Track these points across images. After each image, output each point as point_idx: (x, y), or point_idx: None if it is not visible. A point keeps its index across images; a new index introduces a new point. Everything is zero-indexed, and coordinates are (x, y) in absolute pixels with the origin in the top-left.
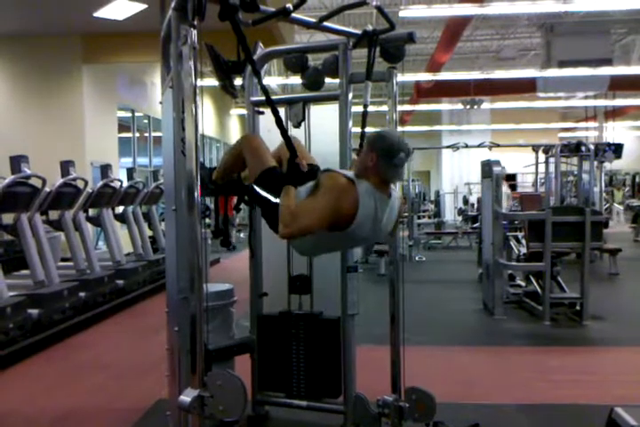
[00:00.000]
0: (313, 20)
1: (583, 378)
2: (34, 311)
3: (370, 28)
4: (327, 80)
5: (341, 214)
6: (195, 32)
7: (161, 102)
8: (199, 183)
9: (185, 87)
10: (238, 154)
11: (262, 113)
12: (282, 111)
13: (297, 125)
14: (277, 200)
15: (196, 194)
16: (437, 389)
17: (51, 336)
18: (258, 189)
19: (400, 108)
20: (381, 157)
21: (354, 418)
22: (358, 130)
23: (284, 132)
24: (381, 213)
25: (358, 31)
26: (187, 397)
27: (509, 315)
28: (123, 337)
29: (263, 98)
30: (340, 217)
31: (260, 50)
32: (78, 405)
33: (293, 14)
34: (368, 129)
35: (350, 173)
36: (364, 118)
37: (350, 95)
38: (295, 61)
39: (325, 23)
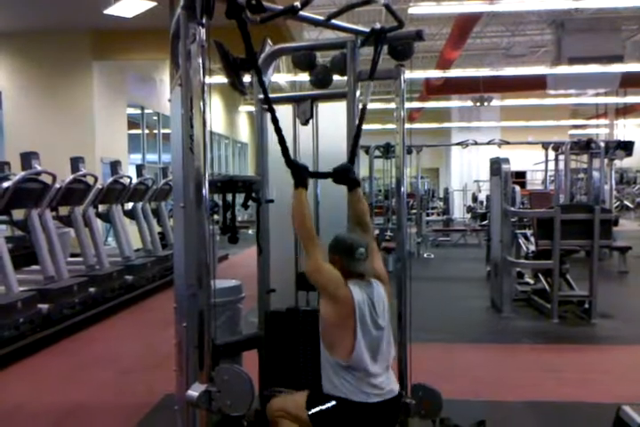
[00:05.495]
0: (321, 17)
1: (591, 376)
2: (44, 306)
3: (378, 25)
4: (335, 78)
5: (340, 295)
6: (203, 30)
7: (170, 100)
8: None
9: (193, 85)
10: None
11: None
12: (289, 109)
13: (305, 123)
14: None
15: (204, 191)
16: (444, 386)
17: (60, 331)
18: None
19: (409, 105)
20: (344, 256)
21: None
22: (366, 127)
23: (279, 132)
24: (371, 295)
25: (367, 29)
26: (194, 391)
27: (517, 313)
28: (131, 332)
29: (272, 95)
30: (340, 297)
31: (269, 47)
32: (87, 399)
33: (301, 12)
34: (376, 126)
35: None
36: (361, 117)
37: (358, 93)
38: (303, 59)
39: (333, 21)
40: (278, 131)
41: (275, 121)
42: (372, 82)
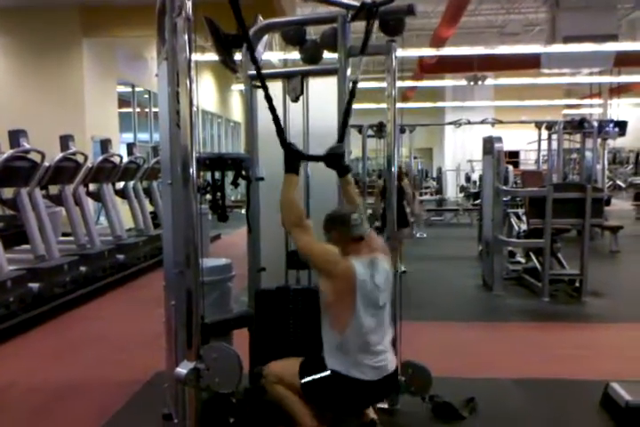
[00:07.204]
0: None
1: (580, 353)
2: (34, 285)
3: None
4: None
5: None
6: (189, 3)
7: (157, 75)
8: None
9: (179, 59)
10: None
11: (260, 87)
12: (280, 85)
13: (295, 100)
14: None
15: (191, 168)
16: (434, 363)
17: (51, 310)
18: None
19: (403, 84)
20: (340, 227)
21: None
22: (360, 106)
23: (273, 111)
24: (374, 271)
25: (357, 3)
26: (183, 369)
27: (509, 291)
28: (123, 311)
29: (262, 71)
30: (339, 274)
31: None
32: (78, 377)
33: None
34: (370, 105)
35: None
36: (351, 94)
37: (349, 69)
38: (293, 34)
39: None
40: (272, 109)
41: (268, 99)
42: (363, 57)
